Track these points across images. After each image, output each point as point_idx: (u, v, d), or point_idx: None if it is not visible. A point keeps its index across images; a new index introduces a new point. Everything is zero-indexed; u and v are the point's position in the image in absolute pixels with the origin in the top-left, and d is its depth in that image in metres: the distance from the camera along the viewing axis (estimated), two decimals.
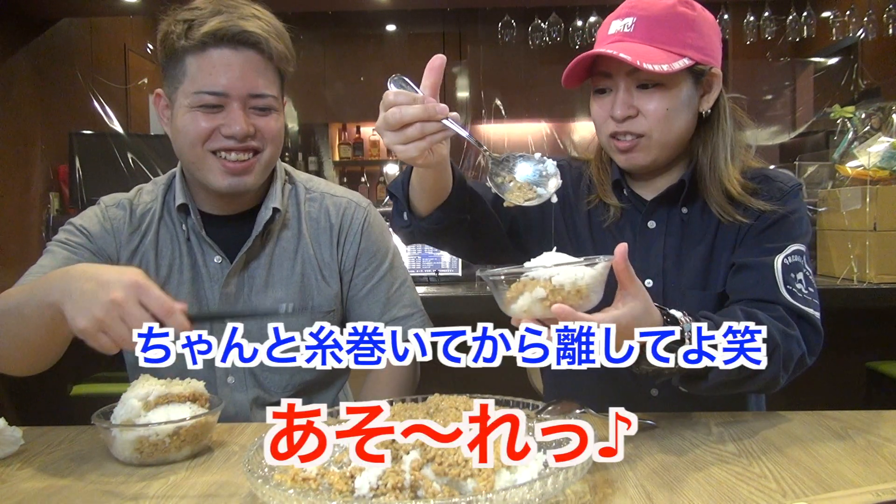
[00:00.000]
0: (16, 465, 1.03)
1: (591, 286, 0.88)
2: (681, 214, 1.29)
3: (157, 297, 0.95)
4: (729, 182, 1.24)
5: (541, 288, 0.87)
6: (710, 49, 1.22)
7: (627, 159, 1.25)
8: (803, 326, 1.15)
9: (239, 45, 1.22)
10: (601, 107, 1.25)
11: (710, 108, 1.25)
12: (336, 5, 4.41)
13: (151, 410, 1.04)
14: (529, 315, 0.89)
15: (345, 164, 6.11)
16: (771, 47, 4.62)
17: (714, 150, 1.25)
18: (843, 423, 1.14)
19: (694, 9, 1.22)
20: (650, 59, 1.15)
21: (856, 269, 2.57)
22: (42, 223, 3.47)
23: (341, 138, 6.13)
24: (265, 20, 1.26)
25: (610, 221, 1.32)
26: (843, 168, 2.69)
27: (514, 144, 5.43)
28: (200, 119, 1.24)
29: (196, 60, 1.23)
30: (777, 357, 1.08)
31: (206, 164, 1.26)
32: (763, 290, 1.17)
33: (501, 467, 0.78)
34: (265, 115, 1.27)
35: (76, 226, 1.33)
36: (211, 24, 1.20)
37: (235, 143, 1.24)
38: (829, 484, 0.89)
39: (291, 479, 0.78)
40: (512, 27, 4.26)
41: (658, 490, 0.88)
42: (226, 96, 1.23)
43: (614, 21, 1.23)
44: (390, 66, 5.73)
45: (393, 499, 0.75)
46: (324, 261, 1.39)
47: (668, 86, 1.19)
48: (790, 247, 1.21)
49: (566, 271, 0.87)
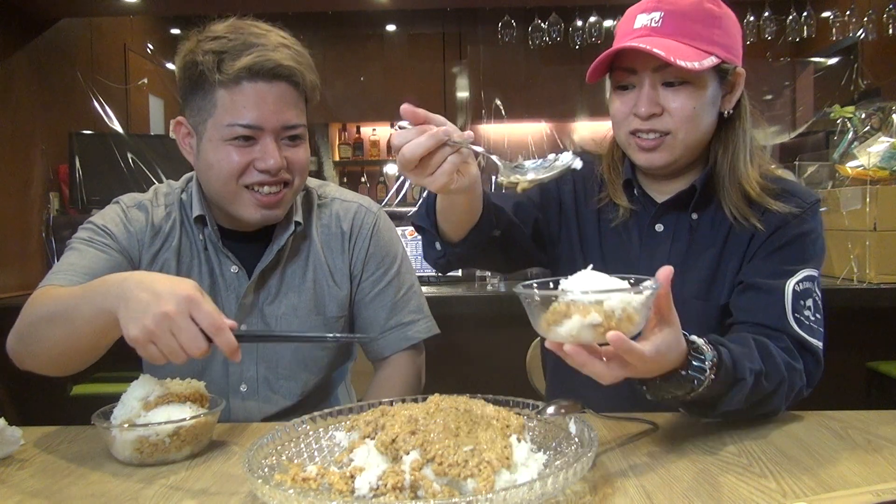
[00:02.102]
0: (16, 465, 1.03)
1: (640, 312, 0.84)
2: (690, 220, 1.26)
3: (208, 312, 0.95)
4: (748, 183, 1.21)
5: (595, 313, 0.82)
6: (735, 47, 1.19)
7: (648, 159, 1.21)
8: (806, 358, 1.14)
9: (273, 79, 1.21)
10: (623, 103, 1.21)
11: (731, 108, 1.22)
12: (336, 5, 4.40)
13: (151, 410, 1.04)
14: (577, 340, 0.84)
15: (345, 164, 6.11)
16: (771, 47, 4.61)
17: (735, 151, 1.22)
18: (843, 423, 1.14)
19: (720, 6, 1.19)
20: (681, 55, 1.11)
21: (856, 269, 2.57)
22: (42, 223, 3.46)
23: (341, 138, 6.13)
24: (294, 48, 1.25)
25: (618, 222, 1.29)
26: (843, 168, 2.70)
27: (514, 144, 5.43)
28: (234, 153, 1.22)
29: (229, 94, 1.21)
30: (782, 390, 1.09)
31: (240, 198, 1.25)
32: (770, 317, 1.15)
33: (501, 467, 0.78)
34: (296, 145, 1.27)
35: (99, 226, 1.32)
36: (245, 60, 1.18)
37: (269, 177, 1.23)
38: (829, 484, 0.89)
39: (291, 479, 0.78)
40: (512, 27, 4.26)
41: (658, 490, 0.88)
42: (260, 129, 1.22)
43: (640, 15, 1.19)
44: (390, 66, 5.77)
45: (393, 499, 0.75)
46: (335, 266, 1.40)
47: (695, 84, 1.16)
48: (803, 271, 1.18)
49: (618, 296, 0.83)
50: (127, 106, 4.56)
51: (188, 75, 1.23)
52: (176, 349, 0.94)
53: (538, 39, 4.25)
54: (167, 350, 0.95)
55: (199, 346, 0.95)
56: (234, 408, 1.35)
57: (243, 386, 1.36)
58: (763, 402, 1.07)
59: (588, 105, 5.49)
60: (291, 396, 1.38)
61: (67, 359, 1.14)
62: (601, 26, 4.17)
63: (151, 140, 3.98)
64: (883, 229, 2.52)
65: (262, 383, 1.36)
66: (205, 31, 1.24)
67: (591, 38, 4.15)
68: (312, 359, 1.39)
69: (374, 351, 1.44)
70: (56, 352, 1.12)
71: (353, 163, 6.09)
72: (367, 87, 5.71)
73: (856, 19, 4.01)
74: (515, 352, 1.87)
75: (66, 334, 1.09)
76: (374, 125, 6.07)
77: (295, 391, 1.38)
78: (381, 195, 5.79)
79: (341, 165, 6.10)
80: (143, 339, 0.95)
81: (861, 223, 2.56)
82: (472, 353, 2.65)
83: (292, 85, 1.23)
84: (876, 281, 2.52)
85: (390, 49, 5.89)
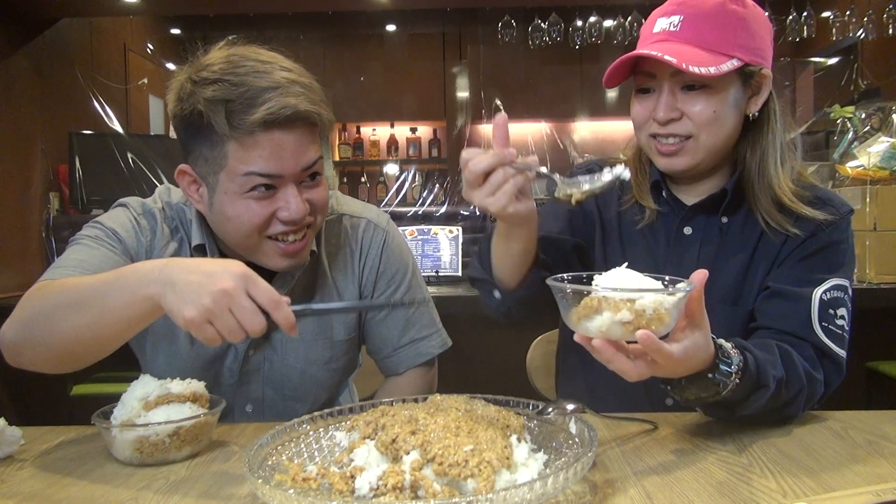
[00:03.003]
0: (16, 465, 1.03)
1: (671, 313, 0.85)
2: (720, 223, 1.25)
3: (266, 288, 0.93)
4: (779, 188, 1.19)
5: (626, 311, 0.83)
6: (761, 49, 1.17)
7: (668, 163, 1.20)
8: (827, 366, 1.13)
9: (290, 126, 1.11)
10: (643, 107, 1.20)
11: (757, 110, 1.20)
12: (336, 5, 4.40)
13: (151, 410, 1.04)
14: (606, 336, 0.86)
15: (345, 164, 6.11)
16: None
17: (763, 153, 1.20)
18: (844, 423, 1.14)
19: (745, 6, 1.16)
20: (696, 60, 1.10)
21: (856, 269, 2.57)
22: (42, 223, 3.46)
23: (341, 138, 6.13)
24: (302, 83, 1.14)
25: (644, 224, 1.28)
26: (843, 168, 2.70)
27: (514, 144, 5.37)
28: (254, 206, 1.13)
29: (242, 147, 1.10)
30: (800, 399, 1.09)
31: (263, 249, 1.18)
32: (795, 324, 1.14)
33: (501, 467, 0.78)
34: (316, 184, 1.19)
35: (108, 228, 1.25)
36: (259, 114, 1.08)
37: (293, 227, 1.16)
38: (829, 484, 0.89)
39: (291, 479, 0.78)
40: (512, 27, 4.26)
41: (658, 490, 0.88)
42: (280, 177, 1.13)
43: (660, 18, 1.18)
44: (390, 66, 5.77)
45: (393, 499, 0.75)
46: (343, 287, 1.35)
47: (716, 87, 1.14)
48: (832, 280, 1.16)
49: (651, 296, 0.84)
50: (127, 106, 4.56)
51: (190, 122, 1.13)
52: (235, 327, 0.92)
53: (538, 39, 4.24)
54: (226, 329, 0.92)
55: (258, 322, 0.92)
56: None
57: (249, 406, 1.34)
58: (781, 408, 1.08)
59: (588, 105, 5.48)
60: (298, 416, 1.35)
61: (83, 349, 1.06)
62: (601, 26, 4.17)
63: (151, 140, 3.98)
64: (883, 229, 2.52)
65: (269, 404, 1.34)
66: (197, 68, 1.13)
67: (591, 38, 4.15)
68: (319, 380, 1.35)
69: (388, 367, 1.42)
70: (71, 341, 1.04)
71: (353, 163, 6.09)
72: (367, 87, 5.71)
73: (856, 19, 4.00)
74: (515, 352, 1.87)
75: (90, 322, 1.02)
76: (374, 125, 6.07)
77: (301, 411, 1.33)
78: (380, 195, 5.78)
79: (341, 165, 6.10)
80: (201, 318, 0.91)
81: (861, 223, 2.56)
82: (472, 353, 2.64)
83: (309, 126, 1.15)
84: (876, 281, 2.52)
85: (390, 49, 5.89)
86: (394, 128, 6.06)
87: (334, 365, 1.37)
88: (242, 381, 1.32)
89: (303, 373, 1.34)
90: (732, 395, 0.99)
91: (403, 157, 6.04)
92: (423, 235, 3.08)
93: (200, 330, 0.93)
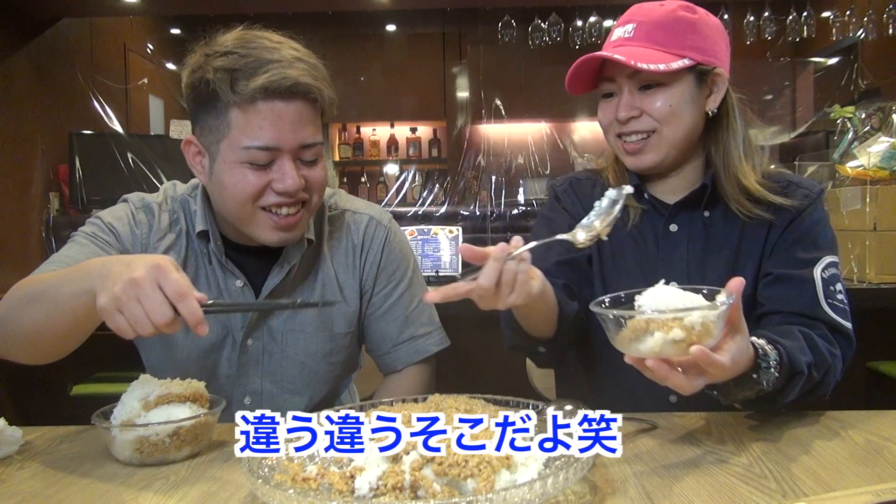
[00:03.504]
0: (16, 465, 1.03)
1: (718, 325, 0.88)
2: (703, 218, 1.30)
3: (175, 280, 0.93)
4: (745, 178, 1.25)
5: (678, 329, 0.85)
6: (713, 50, 1.23)
7: (635, 161, 1.26)
8: (840, 341, 1.18)
9: (290, 97, 1.15)
10: (607, 110, 1.27)
11: (716, 107, 1.26)
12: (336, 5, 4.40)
13: (151, 410, 1.04)
14: (660, 355, 0.88)
15: (345, 164, 6.11)
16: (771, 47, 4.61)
17: (726, 148, 1.27)
18: (843, 423, 1.14)
19: (695, 12, 1.23)
20: (647, 59, 1.17)
21: (856, 269, 2.57)
22: (42, 223, 3.46)
23: (341, 138, 6.13)
24: (309, 62, 1.19)
25: (631, 226, 1.32)
26: (843, 168, 2.69)
27: (514, 144, 5.42)
28: (250, 175, 1.17)
29: (243, 114, 1.15)
30: (830, 377, 1.14)
31: (256, 220, 1.21)
32: (804, 305, 1.19)
33: (501, 467, 0.78)
34: (313, 164, 1.22)
35: (105, 222, 1.29)
36: (260, 79, 1.12)
37: (287, 199, 1.19)
38: (829, 484, 0.89)
39: (291, 479, 0.78)
40: (512, 27, 4.26)
41: (658, 490, 0.88)
42: (277, 150, 1.16)
43: (616, 29, 1.26)
44: (390, 66, 5.77)
45: (393, 499, 0.75)
46: (344, 281, 1.37)
47: (670, 85, 1.21)
48: (825, 258, 1.22)
49: (699, 312, 0.86)
50: (127, 106, 4.56)
51: (198, 93, 1.18)
52: (141, 317, 0.92)
53: (538, 39, 4.24)
54: (133, 319, 0.92)
55: (163, 314, 0.92)
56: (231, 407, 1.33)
57: (247, 399, 1.35)
58: (814, 389, 1.13)
59: (588, 105, 5.47)
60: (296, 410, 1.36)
61: (44, 342, 1.11)
62: (601, 26, 4.17)
63: (151, 140, 3.98)
64: (883, 229, 2.52)
65: (267, 397, 1.34)
66: (212, 45, 1.18)
67: (591, 38, 4.15)
68: (318, 374, 1.36)
69: (387, 364, 1.42)
70: (33, 334, 1.10)
71: (353, 163, 6.09)
72: (367, 87, 5.71)
73: (856, 19, 4.00)
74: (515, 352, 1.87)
75: (45, 316, 1.06)
76: (374, 125, 6.07)
77: (300, 406, 1.36)
78: (380, 195, 5.78)
79: (341, 165, 6.10)
80: (111, 307, 0.93)
81: (861, 223, 2.56)
82: (472, 353, 2.64)
83: (309, 102, 1.18)
84: (876, 281, 2.51)
85: (390, 49, 5.88)
86: (394, 128, 6.06)
87: (334, 359, 1.38)
88: (241, 371, 1.33)
89: (302, 365, 1.35)
90: (773, 388, 1.03)
91: (403, 157, 6.04)
92: (423, 235, 3.08)
93: (111, 318, 0.94)
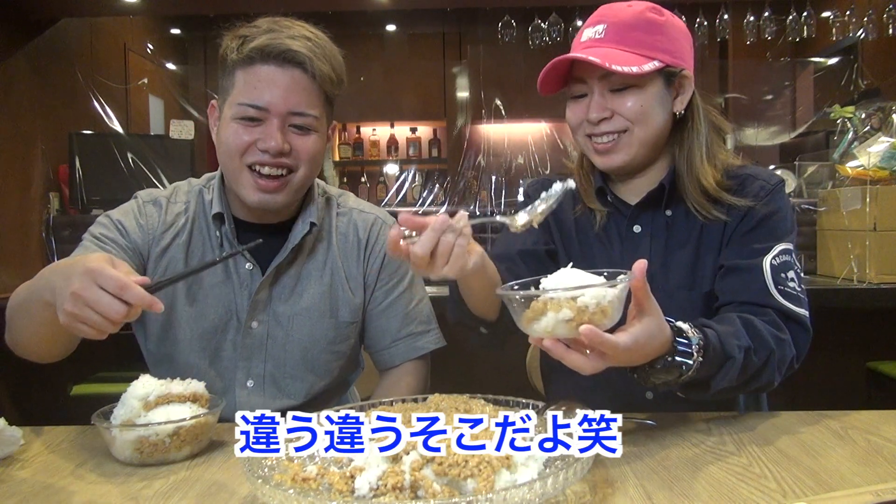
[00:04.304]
0: (16, 465, 1.03)
1: (614, 305, 0.88)
2: (665, 217, 1.32)
3: (110, 276, 0.95)
4: (705, 179, 1.26)
5: (567, 309, 0.86)
6: (680, 52, 1.25)
7: (605, 161, 1.28)
8: (793, 328, 1.17)
9: (284, 63, 1.24)
10: (577, 111, 1.28)
11: (683, 108, 1.28)
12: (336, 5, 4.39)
13: (151, 410, 1.04)
14: (552, 335, 0.89)
15: (345, 164, 6.10)
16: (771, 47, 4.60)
17: (690, 149, 1.28)
18: (843, 423, 1.14)
19: (662, 14, 1.25)
20: (620, 61, 1.18)
21: (856, 269, 2.57)
22: (42, 223, 3.46)
23: (341, 138, 6.12)
24: (315, 41, 1.27)
25: (597, 227, 1.34)
26: (843, 168, 2.70)
27: (514, 144, 5.41)
28: (241, 131, 1.26)
29: (244, 74, 1.25)
30: (772, 362, 1.11)
31: (242, 177, 1.28)
32: (753, 294, 1.20)
33: (501, 467, 0.78)
34: (304, 134, 1.28)
35: (112, 219, 1.35)
36: (259, 41, 1.23)
37: (269, 158, 1.25)
38: (829, 484, 0.89)
39: (291, 479, 0.78)
40: (512, 27, 4.26)
41: (658, 490, 0.88)
42: (266, 111, 1.24)
43: (586, 29, 1.27)
44: (390, 66, 5.77)
45: (393, 499, 0.75)
46: (350, 273, 1.42)
47: (641, 86, 1.22)
48: (777, 246, 1.23)
49: (591, 291, 0.86)
50: (127, 106, 4.55)
51: (221, 60, 1.29)
52: (99, 321, 0.94)
53: (538, 39, 4.24)
54: (94, 324, 0.95)
55: (116, 310, 0.94)
56: (240, 402, 1.35)
57: (250, 381, 1.37)
58: (755, 376, 1.11)
59: None
60: (297, 396, 1.38)
61: (44, 344, 1.18)
62: None
63: (151, 140, 3.98)
64: (883, 229, 2.52)
65: (269, 380, 1.37)
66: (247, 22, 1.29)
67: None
68: (319, 361, 1.39)
69: (384, 360, 1.46)
70: (30, 338, 1.17)
71: (353, 163, 6.08)
72: (367, 87, 5.70)
73: (856, 19, 4.00)
74: (515, 352, 1.87)
75: (30, 323, 1.14)
76: (374, 125, 6.06)
77: (300, 392, 1.39)
78: (380, 195, 5.78)
79: (341, 165, 6.09)
80: (71, 322, 0.96)
81: (861, 223, 2.56)
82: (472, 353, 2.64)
83: (303, 71, 1.25)
84: (876, 281, 2.52)
85: (390, 49, 5.88)
86: (394, 128, 6.06)
87: (336, 347, 1.41)
88: (244, 354, 1.36)
89: (305, 350, 1.38)
90: (699, 373, 1.01)
91: (403, 157, 6.04)
92: None
93: (77, 331, 0.97)
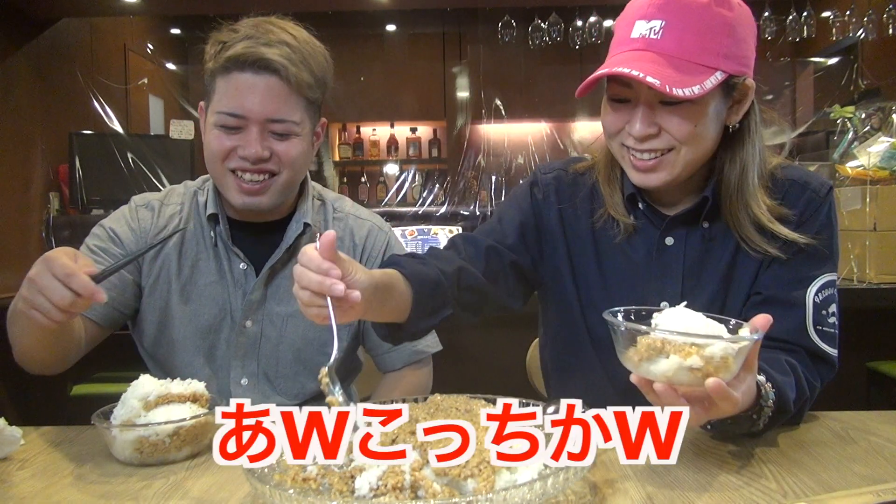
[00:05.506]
0: (16, 465, 1.03)
1: (737, 360, 0.83)
2: (702, 230, 1.19)
3: (61, 263, 0.98)
4: (757, 206, 1.12)
5: (697, 357, 0.80)
6: (746, 57, 1.08)
7: (643, 179, 1.12)
8: (821, 368, 1.12)
9: (260, 71, 1.23)
10: (618, 117, 1.11)
11: (738, 120, 1.13)
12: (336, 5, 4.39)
13: (151, 410, 1.04)
14: (671, 381, 0.82)
15: (345, 164, 6.10)
16: (771, 47, 4.60)
17: (744, 167, 1.13)
18: (844, 423, 1.14)
19: (732, 9, 1.06)
20: (679, 81, 1.01)
21: (856, 269, 2.56)
22: (42, 223, 3.46)
23: (341, 138, 6.12)
24: (294, 46, 1.25)
25: (621, 238, 1.21)
26: (843, 168, 2.69)
27: (514, 144, 5.42)
28: (222, 138, 1.27)
29: (223, 82, 1.26)
30: (805, 409, 1.12)
31: (225, 180, 1.30)
32: (789, 331, 1.11)
33: (501, 467, 0.78)
34: (284, 139, 1.28)
35: (105, 228, 1.37)
36: (235, 50, 1.23)
37: (250, 165, 1.26)
38: (829, 484, 0.89)
39: (291, 480, 0.78)
40: (512, 27, 4.25)
41: (658, 490, 0.88)
42: (244, 119, 1.25)
43: (639, 21, 1.07)
44: (390, 66, 5.77)
45: (393, 499, 0.75)
46: None
47: (697, 102, 1.05)
48: (822, 277, 1.12)
49: (721, 344, 0.81)
50: (127, 106, 4.55)
51: (204, 63, 1.30)
52: (46, 305, 0.98)
53: (538, 39, 4.24)
54: (42, 308, 0.99)
55: (62, 296, 0.97)
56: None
57: (244, 379, 1.38)
58: (789, 421, 1.08)
59: (588, 105, 5.46)
60: (290, 397, 1.38)
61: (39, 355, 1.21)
62: (601, 26, 4.16)
63: (151, 140, 3.98)
64: (883, 229, 2.52)
65: (262, 379, 1.38)
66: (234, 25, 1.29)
67: (591, 38, 4.14)
68: (313, 363, 1.39)
69: (385, 363, 1.47)
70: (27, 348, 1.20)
71: (353, 163, 6.08)
72: (367, 87, 5.70)
73: (856, 19, 4.00)
74: (515, 352, 1.87)
75: (19, 333, 1.18)
76: (374, 125, 6.06)
77: (293, 392, 1.39)
78: (380, 195, 5.78)
79: (341, 165, 6.09)
80: (24, 306, 1.01)
81: (861, 223, 2.56)
82: (472, 353, 2.64)
83: (280, 78, 1.24)
84: (876, 281, 2.51)
85: (390, 49, 5.88)
86: (394, 128, 6.06)
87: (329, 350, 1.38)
88: (238, 353, 1.37)
89: (298, 352, 1.39)
90: (764, 425, 0.99)
91: (403, 157, 6.04)
92: (422, 235, 3.08)
93: (29, 317, 1.01)
